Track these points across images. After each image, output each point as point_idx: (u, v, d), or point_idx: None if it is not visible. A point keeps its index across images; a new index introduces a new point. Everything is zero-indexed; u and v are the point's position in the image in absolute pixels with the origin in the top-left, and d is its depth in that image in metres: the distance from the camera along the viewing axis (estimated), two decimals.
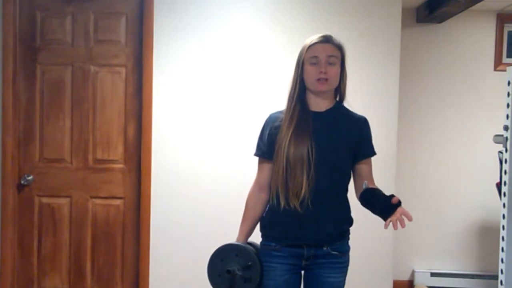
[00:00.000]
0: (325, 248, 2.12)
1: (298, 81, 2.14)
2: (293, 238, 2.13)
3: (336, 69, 2.11)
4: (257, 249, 2.22)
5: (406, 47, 4.18)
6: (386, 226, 1.95)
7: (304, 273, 2.20)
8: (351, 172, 2.21)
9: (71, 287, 3.57)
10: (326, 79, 2.08)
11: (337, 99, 2.21)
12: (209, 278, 2.20)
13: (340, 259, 2.16)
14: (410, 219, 1.91)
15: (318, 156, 2.07)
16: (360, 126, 2.19)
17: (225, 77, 3.48)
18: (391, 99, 3.47)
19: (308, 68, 2.11)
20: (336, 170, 2.12)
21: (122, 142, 3.52)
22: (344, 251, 2.18)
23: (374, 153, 2.22)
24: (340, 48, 2.15)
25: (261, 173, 2.22)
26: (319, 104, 2.15)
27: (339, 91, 2.19)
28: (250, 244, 2.25)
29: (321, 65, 2.08)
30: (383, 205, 1.99)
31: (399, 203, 1.95)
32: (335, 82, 2.13)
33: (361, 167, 2.18)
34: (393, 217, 1.92)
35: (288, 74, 3.46)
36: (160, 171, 3.48)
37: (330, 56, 2.10)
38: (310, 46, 2.12)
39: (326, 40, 2.13)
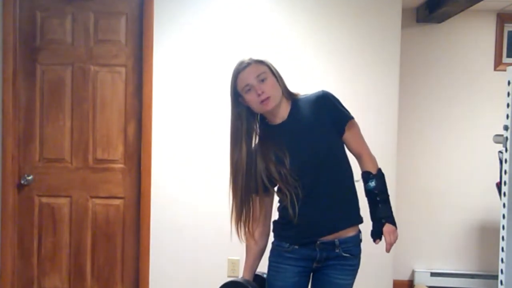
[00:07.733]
0: (337, 251, 2.12)
1: (245, 113, 2.13)
2: (307, 235, 2.11)
3: (270, 81, 2.09)
4: (264, 280, 2.21)
5: (406, 47, 4.18)
6: (377, 243, 2.16)
7: (313, 273, 2.19)
8: (344, 147, 2.19)
9: (71, 287, 3.57)
10: (268, 97, 2.07)
11: (290, 100, 2.18)
12: None
13: (351, 261, 2.16)
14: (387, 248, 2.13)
15: (304, 159, 2.07)
16: (321, 102, 2.15)
17: (226, 77, 3.47)
18: (391, 98, 3.48)
19: (247, 98, 2.10)
20: (326, 161, 2.10)
21: (122, 142, 3.53)
22: (356, 253, 2.18)
23: (350, 117, 2.17)
24: (262, 62, 2.12)
25: (254, 209, 2.19)
26: (278, 115, 2.14)
27: (285, 92, 2.16)
28: (257, 276, 2.24)
29: (256, 89, 2.07)
30: (373, 225, 2.17)
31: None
32: (277, 94, 2.10)
33: (347, 135, 2.16)
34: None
35: (291, 76, 3.44)
36: (160, 171, 3.48)
37: (258, 75, 2.08)
38: (237, 77, 2.12)
39: (247, 64, 2.11)
